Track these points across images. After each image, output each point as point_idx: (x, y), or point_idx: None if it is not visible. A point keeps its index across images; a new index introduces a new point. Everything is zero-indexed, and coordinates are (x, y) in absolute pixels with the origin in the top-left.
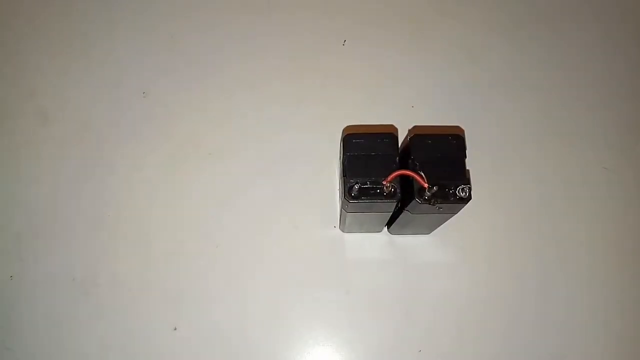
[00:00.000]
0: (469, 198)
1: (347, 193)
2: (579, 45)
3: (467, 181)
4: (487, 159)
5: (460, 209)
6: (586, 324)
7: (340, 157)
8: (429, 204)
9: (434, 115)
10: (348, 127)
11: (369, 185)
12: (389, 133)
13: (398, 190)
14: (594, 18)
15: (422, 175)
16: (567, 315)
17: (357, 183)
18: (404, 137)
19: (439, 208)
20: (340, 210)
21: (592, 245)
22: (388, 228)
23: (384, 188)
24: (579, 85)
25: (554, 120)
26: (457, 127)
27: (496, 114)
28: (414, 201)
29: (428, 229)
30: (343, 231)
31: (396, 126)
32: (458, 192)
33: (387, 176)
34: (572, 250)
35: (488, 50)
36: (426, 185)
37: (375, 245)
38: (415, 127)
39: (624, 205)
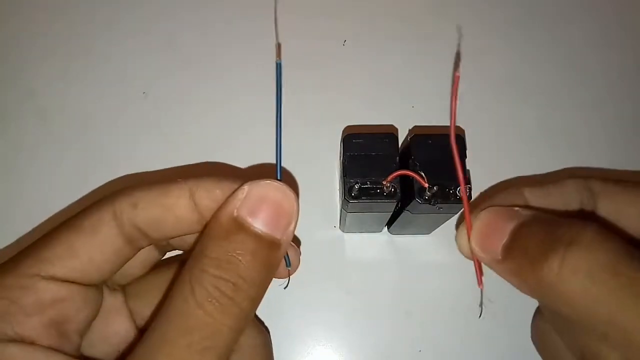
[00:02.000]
0: (469, 198)
1: (347, 193)
2: (579, 45)
3: (468, 181)
4: (487, 159)
5: (461, 209)
6: None
7: (340, 157)
8: (429, 204)
9: (434, 115)
10: (348, 127)
11: (369, 185)
12: (389, 133)
13: (398, 190)
14: (594, 18)
15: (422, 175)
16: None
17: (357, 183)
18: (404, 137)
19: (439, 208)
20: (340, 210)
21: None
22: (388, 228)
23: (384, 188)
24: (580, 85)
25: (555, 120)
26: (457, 127)
27: (496, 114)
28: (414, 201)
29: (428, 229)
30: (343, 231)
31: (396, 126)
32: (458, 192)
33: (387, 176)
34: None
35: (488, 51)
36: (426, 185)
37: (375, 245)
38: (415, 127)
39: None
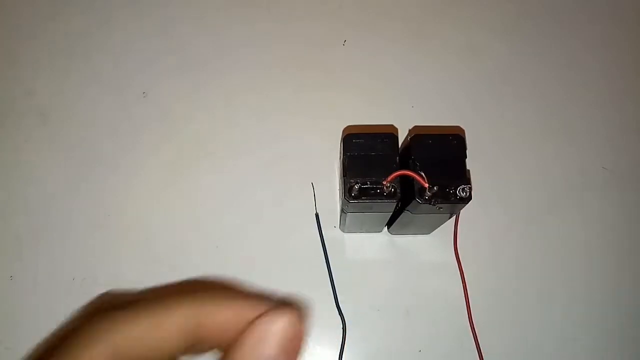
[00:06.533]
0: (469, 198)
1: (347, 193)
2: (578, 44)
3: (468, 181)
4: (487, 159)
5: (461, 209)
6: (586, 324)
7: (340, 157)
8: (429, 204)
9: (434, 115)
10: (348, 127)
11: (369, 185)
12: (389, 133)
13: (398, 190)
14: (593, 17)
15: (422, 175)
16: (567, 315)
17: (357, 183)
18: (404, 137)
19: (439, 208)
20: (340, 210)
21: (591, 244)
22: (388, 228)
23: (384, 188)
24: (579, 84)
25: (554, 120)
26: (457, 127)
27: (496, 114)
28: (414, 201)
29: (428, 229)
30: (343, 231)
31: (396, 126)
32: (458, 192)
33: (387, 176)
34: (572, 250)
35: (488, 50)
36: (426, 185)
37: (375, 245)
38: (415, 127)
39: (623, 205)
